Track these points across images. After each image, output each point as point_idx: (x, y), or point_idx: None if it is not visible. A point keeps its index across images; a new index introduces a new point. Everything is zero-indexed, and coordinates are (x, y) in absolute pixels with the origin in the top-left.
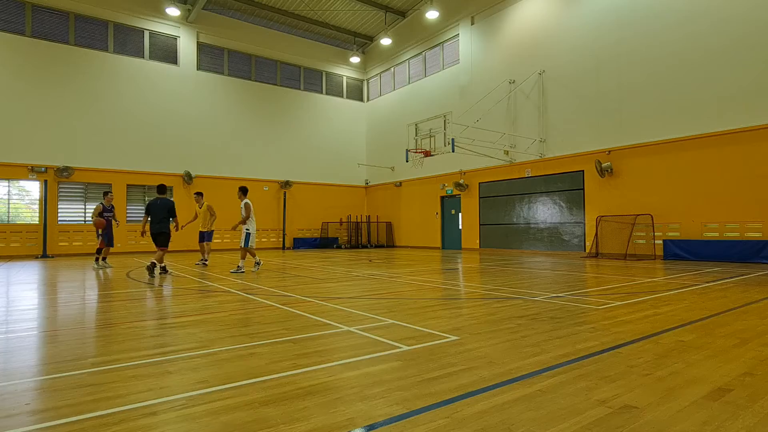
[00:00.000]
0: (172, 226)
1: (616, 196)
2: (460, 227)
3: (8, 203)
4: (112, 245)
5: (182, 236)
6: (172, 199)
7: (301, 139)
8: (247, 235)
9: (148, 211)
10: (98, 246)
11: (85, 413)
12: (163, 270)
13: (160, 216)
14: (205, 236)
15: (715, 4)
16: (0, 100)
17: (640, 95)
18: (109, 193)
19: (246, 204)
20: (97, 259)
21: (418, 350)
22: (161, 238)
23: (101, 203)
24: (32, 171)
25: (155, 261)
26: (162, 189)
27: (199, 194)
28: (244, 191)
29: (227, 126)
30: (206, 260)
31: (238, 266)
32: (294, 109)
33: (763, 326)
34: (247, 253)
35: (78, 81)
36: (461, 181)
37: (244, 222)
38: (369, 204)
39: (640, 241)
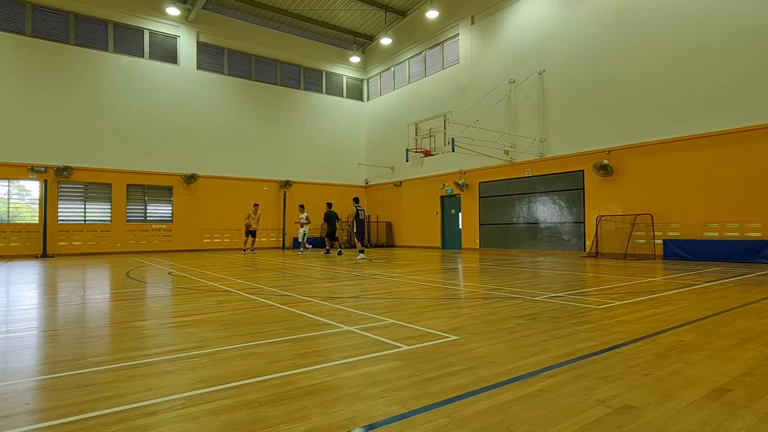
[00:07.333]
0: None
1: (616, 196)
2: (460, 227)
3: (8, 203)
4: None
5: (183, 237)
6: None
7: (301, 139)
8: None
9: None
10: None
11: (85, 413)
12: (327, 251)
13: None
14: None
15: (715, 4)
16: (0, 99)
17: (640, 95)
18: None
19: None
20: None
21: (417, 350)
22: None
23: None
24: (32, 171)
25: (328, 248)
26: (329, 204)
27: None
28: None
29: (227, 126)
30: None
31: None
32: (294, 108)
33: (763, 326)
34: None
35: (78, 81)
36: (461, 181)
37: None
38: (369, 204)
39: (640, 241)
